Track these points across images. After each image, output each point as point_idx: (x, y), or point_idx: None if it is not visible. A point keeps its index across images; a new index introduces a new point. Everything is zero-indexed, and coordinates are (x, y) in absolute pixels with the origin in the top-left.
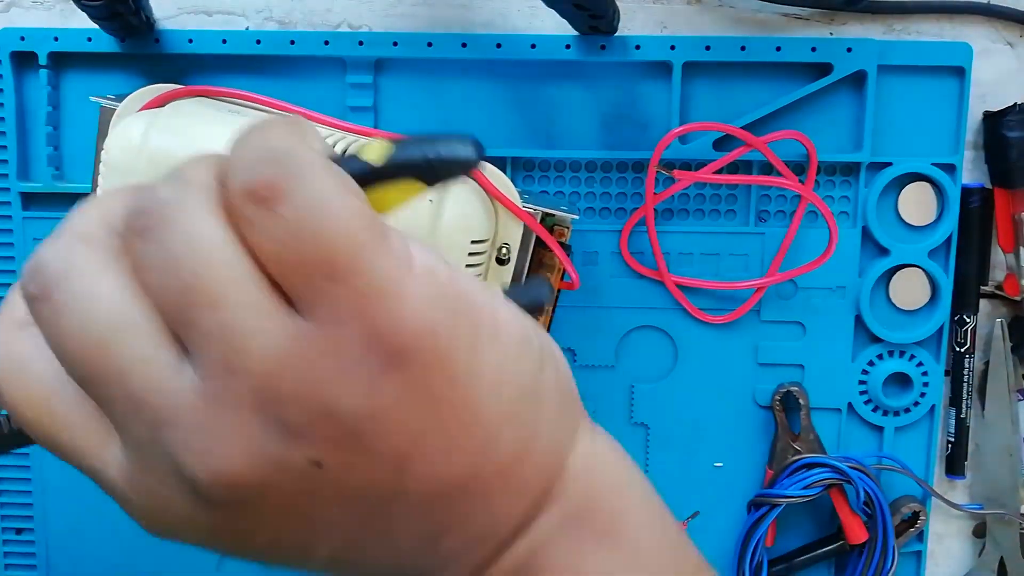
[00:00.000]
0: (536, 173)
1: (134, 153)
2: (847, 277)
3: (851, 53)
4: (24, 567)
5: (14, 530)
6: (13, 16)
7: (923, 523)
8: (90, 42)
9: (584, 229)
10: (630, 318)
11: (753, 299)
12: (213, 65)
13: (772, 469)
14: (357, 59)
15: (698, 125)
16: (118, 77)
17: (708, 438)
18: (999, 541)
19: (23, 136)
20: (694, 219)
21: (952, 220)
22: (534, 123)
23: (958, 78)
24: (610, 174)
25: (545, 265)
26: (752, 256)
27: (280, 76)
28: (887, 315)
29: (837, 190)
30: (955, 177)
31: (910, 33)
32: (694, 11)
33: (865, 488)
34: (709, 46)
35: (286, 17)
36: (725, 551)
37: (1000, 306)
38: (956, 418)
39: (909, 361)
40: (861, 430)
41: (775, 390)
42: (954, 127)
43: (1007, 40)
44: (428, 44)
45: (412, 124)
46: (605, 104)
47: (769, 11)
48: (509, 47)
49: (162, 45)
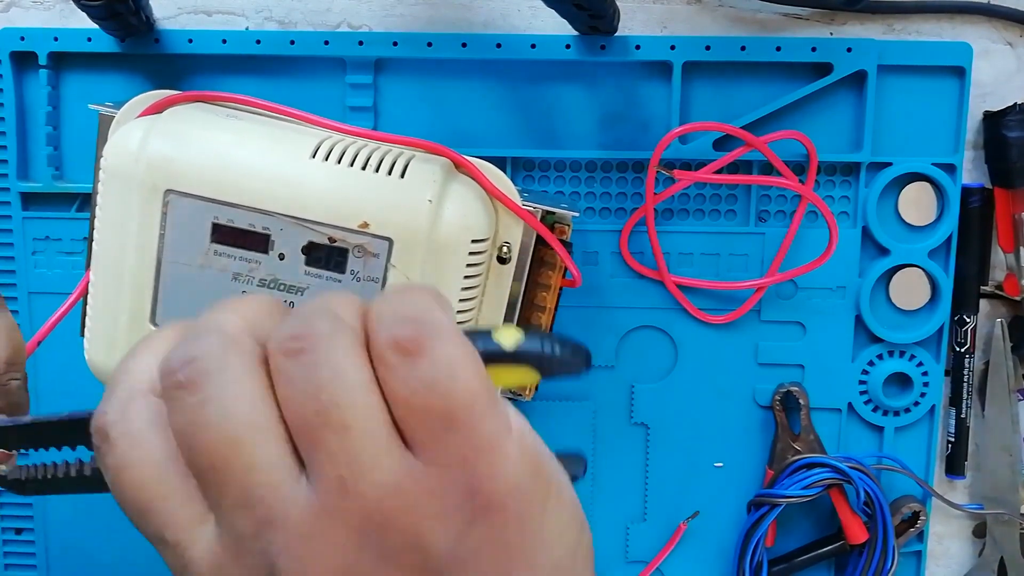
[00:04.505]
0: (536, 173)
1: (133, 159)
2: (847, 277)
3: (851, 53)
4: (24, 567)
5: (14, 530)
6: (13, 16)
7: (923, 523)
8: (90, 42)
9: (584, 229)
10: (630, 318)
11: (753, 299)
12: (213, 65)
13: (772, 469)
14: (357, 59)
15: (698, 125)
16: (118, 77)
17: (708, 438)
18: (999, 541)
19: (23, 136)
20: (694, 219)
21: (952, 220)
22: (534, 123)
23: (958, 78)
24: (610, 174)
25: (546, 263)
26: (752, 256)
27: (280, 76)
28: (887, 315)
29: (837, 190)
30: (955, 177)
31: (910, 33)
32: (694, 11)
33: (865, 488)
34: (709, 46)
35: (286, 17)
36: (725, 551)
37: (1000, 306)
38: (956, 418)
39: (909, 361)
40: (861, 430)
41: (775, 390)
42: (954, 127)
43: (1007, 40)
44: (428, 44)
45: (412, 124)
46: (605, 104)
47: (769, 11)
48: (509, 47)
49: (162, 45)
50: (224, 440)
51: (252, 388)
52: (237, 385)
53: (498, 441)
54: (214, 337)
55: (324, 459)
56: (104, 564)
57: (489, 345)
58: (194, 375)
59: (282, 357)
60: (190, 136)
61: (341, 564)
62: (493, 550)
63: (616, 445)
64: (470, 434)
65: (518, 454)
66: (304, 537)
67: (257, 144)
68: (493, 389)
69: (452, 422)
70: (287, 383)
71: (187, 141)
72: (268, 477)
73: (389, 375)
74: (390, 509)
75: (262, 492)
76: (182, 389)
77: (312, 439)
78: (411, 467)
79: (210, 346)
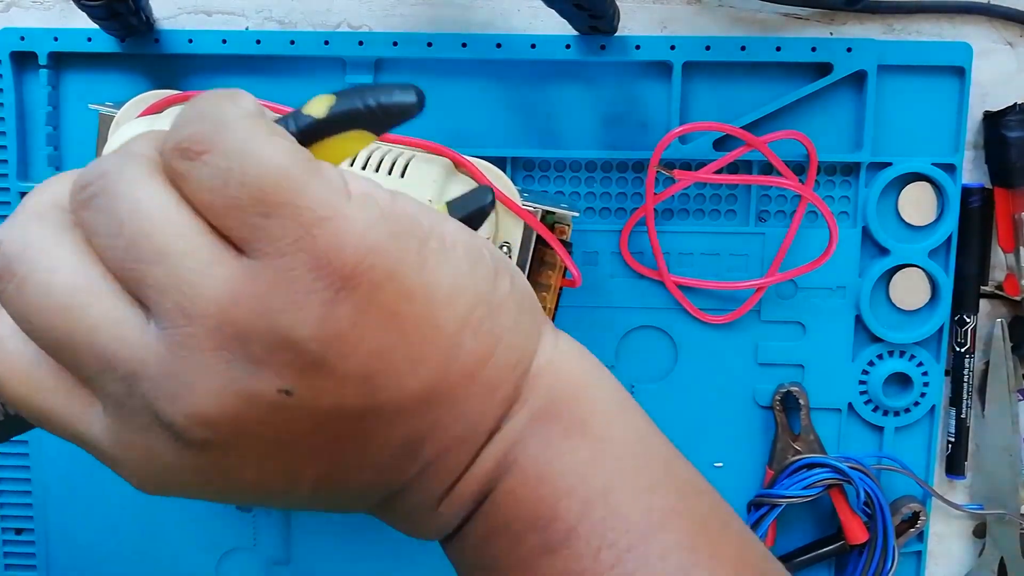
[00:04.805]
0: (536, 173)
1: None
2: (847, 277)
3: (851, 53)
4: (24, 567)
5: (14, 530)
6: (13, 16)
7: (923, 523)
8: (90, 42)
9: (584, 229)
10: (630, 318)
11: (753, 299)
12: (213, 65)
13: (772, 469)
14: (357, 59)
15: (698, 125)
16: (118, 77)
17: (708, 438)
18: (999, 541)
19: (23, 136)
20: (694, 219)
21: (952, 220)
22: (534, 123)
23: (958, 78)
24: (610, 174)
25: (546, 263)
26: (752, 256)
27: (280, 76)
28: (887, 315)
29: (837, 190)
30: (955, 177)
31: (910, 33)
32: (694, 11)
33: (865, 488)
34: (709, 46)
35: (286, 17)
36: None
37: (1000, 306)
38: (956, 418)
39: (909, 361)
40: (861, 430)
41: (775, 390)
42: (954, 127)
43: (1007, 40)
44: (428, 44)
45: (412, 124)
46: (605, 104)
47: (769, 11)
48: (509, 47)
49: (162, 45)
50: (55, 312)
51: (65, 254)
52: (47, 257)
53: (331, 210)
54: (15, 219)
55: (155, 293)
56: (104, 565)
57: (301, 121)
58: (4, 261)
59: (81, 209)
60: None
61: (214, 387)
62: (372, 318)
63: None
64: (292, 211)
65: (365, 216)
66: (169, 375)
67: None
68: (308, 158)
69: (264, 205)
70: (94, 233)
71: None
72: (112, 332)
73: (185, 184)
74: (238, 316)
75: (112, 350)
76: (1, 281)
77: (136, 278)
78: (245, 268)
79: (12, 228)
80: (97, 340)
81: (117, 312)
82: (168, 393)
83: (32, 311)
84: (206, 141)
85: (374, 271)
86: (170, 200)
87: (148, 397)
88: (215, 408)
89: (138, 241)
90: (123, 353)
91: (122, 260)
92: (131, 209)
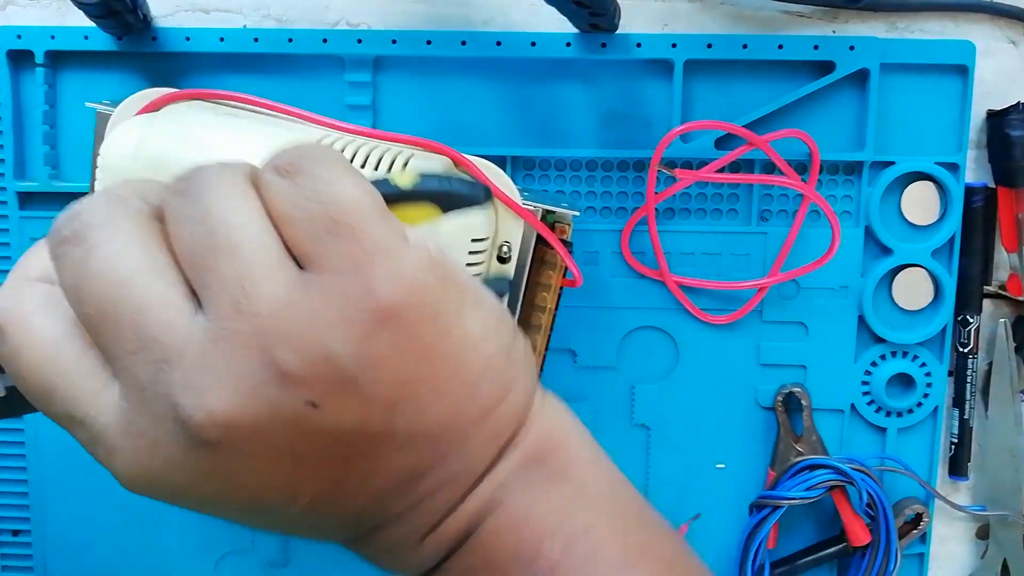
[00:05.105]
0: (536, 172)
1: (130, 158)
2: (850, 277)
3: (854, 51)
4: (21, 569)
5: (10, 531)
6: (9, 14)
7: (926, 525)
8: (87, 40)
9: (585, 228)
10: (631, 318)
11: (755, 299)
12: (211, 63)
13: (774, 470)
14: (356, 57)
15: (700, 124)
16: (115, 75)
17: (710, 439)
18: (1002, 543)
19: (19, 135)
20: (695, 218)
21: (955, 220)
22: (534, 121)
23: (961, 76)
24: (611, 173)
25: (547, 263)
26: (754, 256)
27: (278, 74)
28: (890, 315)
29: (840, 189)
30: (958, 176)
31: (913, 31)
32: (695, 9)
33: (868, 490)
34: (711, 44)
35: (284, 15)
36: (727, 553)
37: (1003, 306)
38: (959, 419)
39: (912, 362)
40: (864, 431)
41: (777, 391)
42: (957, 126)
43: (1010, 38)
44: (427, 42)
45: (411, 122)
46: (606, 102)
47: (771, 9)
48: (509, 45)
49: (159, 43)
50: (112, 282)
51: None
52: (122, 232)
53: (391, 246)
54: (99, 197)
55: (216, 284)
56: (101, 567)
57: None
58: (79, 227)
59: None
60: (188, 134)
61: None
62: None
63: (617, 446)
64: (359, 238)
65: (417, 259)
66: (201, 367)
67: (255, 142)
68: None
69: (337, 226)
70: (176, 221)
71: (185, 139)
72: (160, 315)
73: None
74: (286, 323)
75: (155, 331)
76: (67, 244)
77: (203, 266)
78: (304, 280)
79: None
80: (143, 318)
81: (170, 296)
82: (195, 387)
83: (91, 277)
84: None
85: (420, 308)
86: (254, 204)
87: (173, 387)
88: (238, 409)
89: (217, 231)
90: (164, 336)
91: (197, 246)
92: (219, 204)
